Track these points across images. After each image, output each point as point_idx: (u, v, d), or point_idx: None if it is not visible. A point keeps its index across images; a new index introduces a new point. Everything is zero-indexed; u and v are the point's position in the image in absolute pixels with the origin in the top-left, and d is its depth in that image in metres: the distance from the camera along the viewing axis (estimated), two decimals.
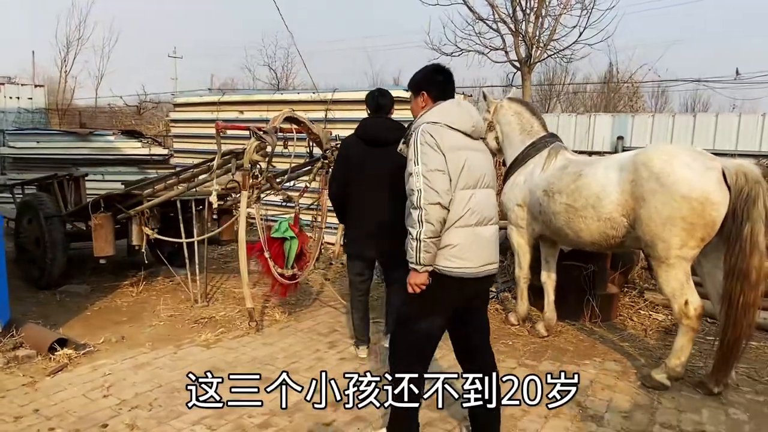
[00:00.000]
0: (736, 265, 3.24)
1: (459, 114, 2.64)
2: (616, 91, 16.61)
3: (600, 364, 4.17)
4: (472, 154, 2.62)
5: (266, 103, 8.38)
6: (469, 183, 2.58)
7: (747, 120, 6.83)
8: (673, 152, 3.53)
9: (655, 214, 3.45)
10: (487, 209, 2.67)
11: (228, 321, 4.78)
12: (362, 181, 3.82)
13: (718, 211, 3.31)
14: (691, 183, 3.34)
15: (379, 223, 3.72)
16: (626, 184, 3.64)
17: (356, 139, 3.93)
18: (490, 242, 2.68)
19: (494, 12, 9.77)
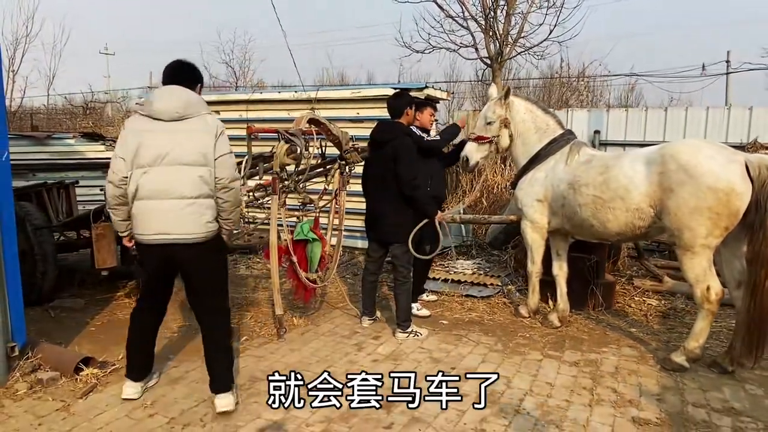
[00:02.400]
0: (761, 251, 3.49)
1: (152, 101, 3.07)
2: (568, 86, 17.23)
3: (617, 350, 4.37)
4: (152, 135, 3.00)
5: (244, 102, 8.16)
6: (141, 163, 2.99)
7: (714, 113, 7.28)
8: (699, 146, 3.75)
9: (683, 204, 3.65)
10: (166, 184, 3.00)
11: (246, 328, 4.67)
12: (369, 176, 4.57)
13: (742, 202, 3.54)
14: (718, 175, 3.55)
15: (375, 210, 4.54)
16: (654, 175, 3.82)
17: (370, 139, 4.56)
18: (166, 214, 3.01)
19: (464, 9, 9.95)
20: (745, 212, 3.58)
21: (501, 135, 4.79)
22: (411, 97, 4.70)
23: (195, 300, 3.32)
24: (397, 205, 4.42)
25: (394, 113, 4.51)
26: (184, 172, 2.99)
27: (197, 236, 3.07)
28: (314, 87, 7.97)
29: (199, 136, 3.02)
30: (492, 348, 4.38)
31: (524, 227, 4.83)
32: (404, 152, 4.31)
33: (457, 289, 5.83)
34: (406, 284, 4.55)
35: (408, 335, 4.51)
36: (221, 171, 3.06)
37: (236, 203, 3.19)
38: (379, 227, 4.56)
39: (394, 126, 4.47)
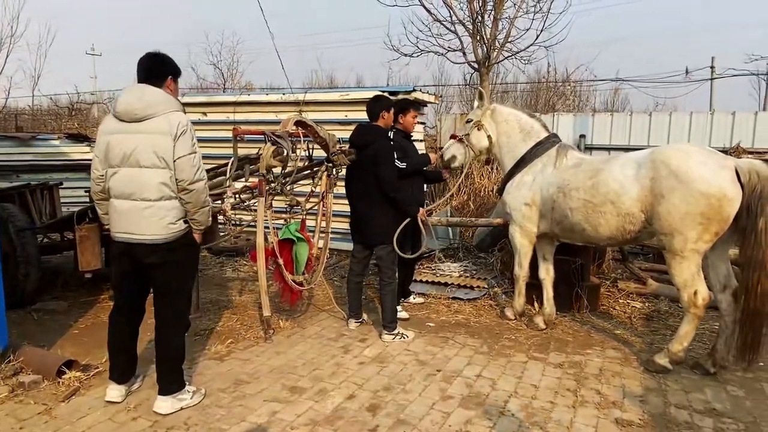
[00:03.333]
0: (753, 256, 3.53)
1: (120, 101, 3.09)
2: (555, 91, 17.39)
3: (602, 352, 4.40)
4: (118, 137, 3.04)
5: (232, 104, 8.13)
6: (111, 163, 3.07)
7: (698, 118, 7.38)
8: (689, 151, 3.78)
9: (674, 209, 3.68)
10: (129, 186, 3.06)
11: (231, 331, 4.64)
12: (352, 179, 4.64)
13: (733, 207, 3.58)
14: (709, 180, 3.59)
15: (359, 212, 4.59)
16: (646, 180, 3.85)
17: (350, 143, 4.62)
18: (129, 215, 3.08)
19: (452, 14, 10.00)
20: (735, 217, 3.62)
21: (472, 134, 4.89)
22: (389, 100, 4.76)
23: (155, 302, 3.29)
24: (380, 207, 4.47)
25: (371, 116, 4.59)
26: (146, 175, 3.01)
27: (158, 238, 3.07)
28: (302, 89, 7.95)
29: (158, 138, 2.98)
30: (478, 350, 4.40)
31: (512, 232, 4.85)
32: (385, 154, 4.40)
33: (444, 292, 5.84)
34: (391, 285, 4.58)
35: (394, 337, 4.53)
36: (180, 173, 3.02)
37: (199, 204, 3.12)
38: (363, 229, 4.60)
39: (373, 129, 4.55)
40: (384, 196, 4.42)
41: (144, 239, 3.07)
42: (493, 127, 4.90)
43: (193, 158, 3.06)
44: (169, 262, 3.14)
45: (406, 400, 3.47)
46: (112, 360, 3.36)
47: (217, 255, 7.30)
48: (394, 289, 4.63)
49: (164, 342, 3.26)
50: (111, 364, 3.37)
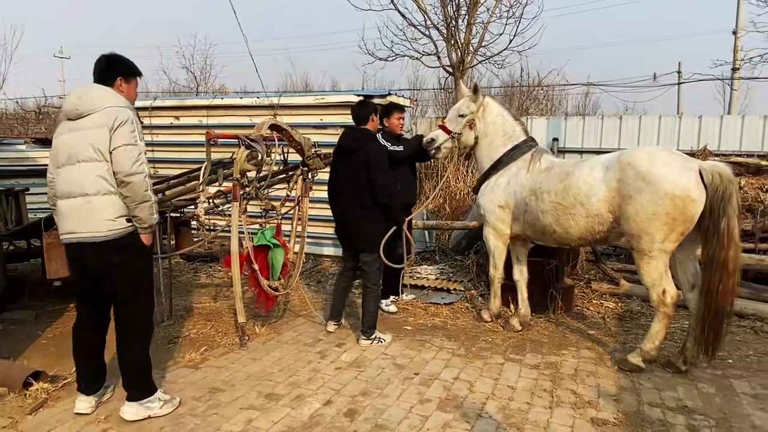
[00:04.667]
0: (715, 256, 3.61)
1: (65, 100, 3.11)
2: (528, 94, 17.62)
3: (577, 352, 4.45)
4: (64, 137, 3.04)
5: (205, 108, 8.01)
6: (58, 163, 3.06)
7: (666, 121, 7.55)
8: (655, 153, 3.86)
9: (641, 210, 3.75)
10: (70, 184, 3.01)
11: (205, 338, 4.55)
12: (338, 184, 4.54)
13: (697, 208, 3.66)
14: (674, 181, 3.67)
15: (346, 218, 4.53)
16: (613, 182, 3.92)
17: (337, 147, 4.53)
18: (70, 213, 3.03)
19: (426, 18, 10.04)
20: (699, 218, 3.71)
21: (464, 133, 4.86)
22: (375, 105, 4.76)
23: (113, 309, 3.21)
24: (368, 213, 4.42)
25: (359, 121, 4.54)
26: (84, 169, 2.96)
27: (98, 235, 2.98)
28: (277, 93, 7.88)
29: (95, 132, 2.95)
30: (455, 353, 4.40)
31: (486, 233, 4.88)
32: (378, 158, 4.35)
33: (421, 296, 5.85)
34: (375, 291, 4.57)
35: (372, 342, 4.51)
36: (116, 165, 2.94)
37: (138, 198, 2.99)
38: (351, 235, 4.55)
39: (363, 133, 4.49)
40: (373, 201, 4.36)
41: (84, 237, 2.99)
42: (482, 127, 4.84)
43: (131, 149, 2.96)
44: (116, 267, 3.03)
45: (384, 405, 3.45)
46: (79, 371, 3.27)
47: (191, 261, 7.17)
48: (378, 296, 4.64)
49: (123, 350, 3.16)
50: (78, 374, 3.28)
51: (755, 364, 4.24)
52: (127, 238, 3.04)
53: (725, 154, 6.92)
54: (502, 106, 4.94)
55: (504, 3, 9.79)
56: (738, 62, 15.11)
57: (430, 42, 10.27)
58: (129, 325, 3.15)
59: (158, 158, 8.34)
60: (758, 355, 4.45)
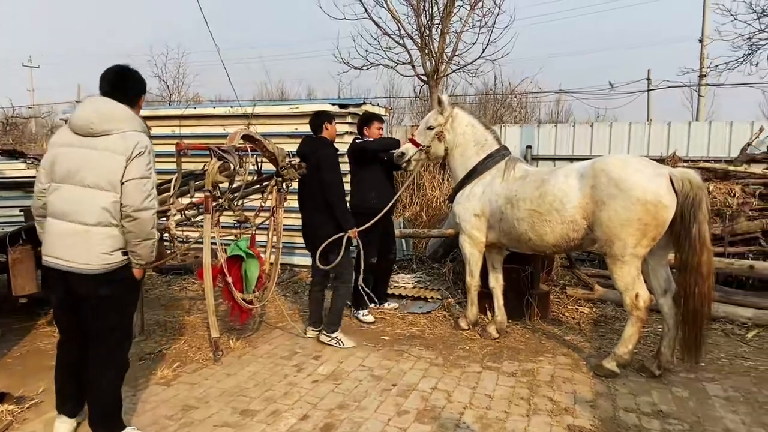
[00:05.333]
0: (688, 261, 3.68)
1: (76, 112, 2.86)
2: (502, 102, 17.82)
3: (553, 359, 4.47)
4: (67, 150, 2.80)
5: (178, 117, 7.89)
6: (55, 178, 2.81)
7: (636, 128, 7.69)
8: (627, 160, 3.93)
9: (614, 216, 3.81)
10: (68, 205, 2.77)
11: (179, 354, 4.45)
12: (302, 191, 4.74)
13: (668, 213, 3.73)
14: (646, 188, 3.73)
15: (309, 222, 4.69)
16: (587, 189, 3.97)
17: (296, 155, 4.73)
18: (62, 237, 2.77)
19: (400, 28, 10.09)
20: (671, 223, 3.77)
21: (433, 145, 4.92)
22: (329, 114, 4.94)
23: (89, 339, 2.95)
24: (327, 215, 4.56)
25: (315, 130, 4.76)
26: (88, 195, 2.74)
27: (90, 268, 2.75)
28: (251, 102, 7.82)
29: (110, 157, 2.72)
30: (433, 362, 4.38)
31: (462, 242, 4.89)
32: (327, 160, 4.50)
33: (399, 306, 5.83)
34: (343, 288, 4.70)
35: (331, 339, 4.62)
36: (126, 198, 2.73)
37: (143, 235, 2.79)
38: (312, 238, 4.67)
39: (315, 139, 4.71)
40: (327, 204, 4.51)
41: (73, 267, 2.76)
42: (451, 137, 4.89)
43: (145, 183, 2.77)
44: (104, 298, 2.81)
45: (362, 418, 3.41)
46: (60, 391, 3.06)
47: (164, 274, 7.03)
48: (348, 294, 4.76)
49: (95, 385, 2.92)
50: (59, 395, 3.07)
51: (727, 367, 4.31)
52: (119, 272, 2.83)
53: (694, 160, 7.06)
54: (471, 116, 5.00)
55: (477, 13, 9.91)
56: (704, 70, 15.50)
57: (405, 51, 10.32)
58: (106, 356, 2.93)
59: None
60: (729, 357, 4.53)
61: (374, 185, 5.41)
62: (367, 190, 5.40)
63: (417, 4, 9.96)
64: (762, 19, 9.94)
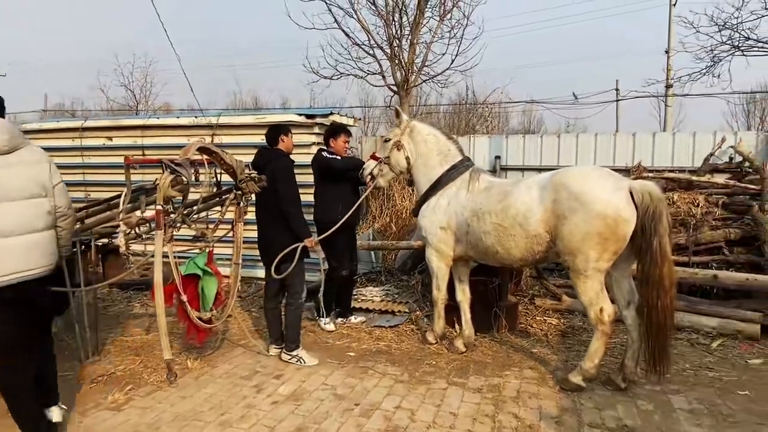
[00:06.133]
0: (650, 274, 3.65)
1: None
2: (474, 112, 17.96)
3: (519, 373, 4.40)
4: None
5: (140, 128, 7.68)
6: None
7: (602, 138, 7.74)
8: (588, 173, 3.89)
9: (575, 230, 3.76)
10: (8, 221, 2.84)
11: (132, 376, 4.25)
12: (258, 203, 4.62)
13: (629, 227, 3.69)
14: (607, 201, 3.69)
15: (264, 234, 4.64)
16: (548, 203, 3.92)
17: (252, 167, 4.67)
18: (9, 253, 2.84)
19: (370, 38, 10.06)
20: (632, 236, 3.74)
21: (392, 156, 4.91)
22: (285, 126, 4.89)
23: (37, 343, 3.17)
24: (281, 227, 4.48)
25: (270, 142, 4.70)
26: (30, 206, 2.91)
27: (46, 268, 3.00)
28: (216, 112, 7.65)
29: (34, 166, 2.94)
30: (398, 379, 4.27)
31: (429, 255, 4.82)
32: (281, 171, 4.44)
33: (366, 320, 5.71)
34: (296, 303, 4.59)
35: (291, 358, 4.52)
36: (59, 199, 3.05)
37: (71, 232, 3.21)
38: (267, 250, 4.59)
39: (270, 151, 4.65)
40: (283, 215, 4.44)
41: (31, 274, 2.90)
42: (412, 147, 4.89)
43: (64, 186, 3.12)
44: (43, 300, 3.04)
45: None
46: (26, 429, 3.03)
47: (125, 290, 6.79)
48: (300, 308, 4.64)
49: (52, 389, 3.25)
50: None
51: (692, 378, 4.30)
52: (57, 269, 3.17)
53: (659, 170, 7.13)
54: (432, 127, 5.02)
55: (446, 24, 9.95)
56: (671, 80, 15.85)
57: (375, 61, 10.30)
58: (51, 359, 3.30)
59: (90, 181, 7.93)
60: (694, 368, 4.52)
61: (340, 199, 5.34)
62: (333, 204, 5.33)
63: (386, 15, 9.96)
64: (723, 31, 10.17)
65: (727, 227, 6.02)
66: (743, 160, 6.83)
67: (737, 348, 4.97)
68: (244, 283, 7.15)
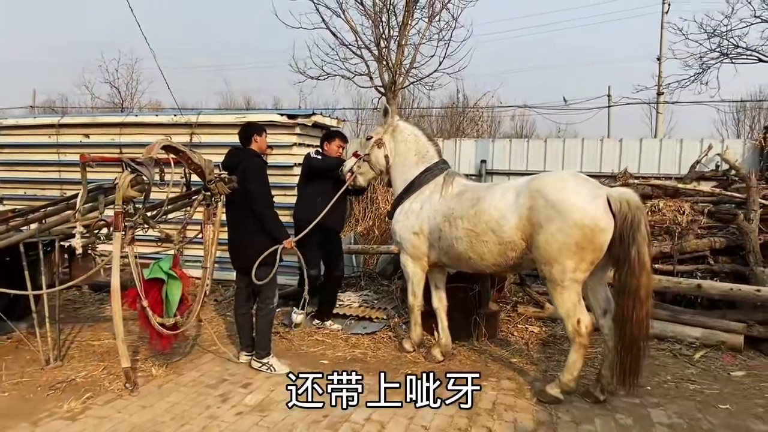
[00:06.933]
0: (627, 284, 3.51)
1: None
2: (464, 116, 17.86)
3: (497, 383, 4.27)
4: None
5: (118, 125, 7.50)
6: None
7: (589, 144, 7.66)
8: (565, 180, 3.75)
9: (551, 239, 3.62)
10: None
11: (93, 383, 4.07)
12: (229, 204, 4.44)
13: (606, 236, 3.56)
14: (584, 210, 3.55)
15: (235, 236, 4.47)
16: (524, 210, 3.78)
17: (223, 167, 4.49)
18: None
19: (357, 38, 9.92)
20: (609, 245, 3.61)
21: (372, 153, 4.82)
22: (259, 126, 4.72)
23: None
24: (253, 229, 4.34)
25: (243, 142, 4.57)
26: None
27: None
28: (195, 111, 7.50)
29: None
30: (371, 389, 4.11)
31: (404, 261, 4.70)
32: (252, 170, 4.30)
33: (342, 327, 5.57)
34: (267, 309, 4.43)
35: (261, 366, 4.38)
36: None
37: None
38: (239, 254, 4.45)
39: (242, 150, 4.52)
40: (257, 217, 4.29)
41: None
42: (392, 146, 4.79)
43: None
44: None
45: None
46: None
47: (97, 291, 6.61)
48: (270, 314, 4.48)
49: None
50: None
51: (672, 391, 4.19)
52: None
53: (645, 177, 7.06)
54: (416, 127, 4.90)
55: (434, 26, 9.84)
56: (662, 87, 15.85)
57: (362, 62, 10.16)
58: None
59: (66, 179, 7.74)
60: (676, 380, 4.41)
61: (320, 198, 5.19)
62: (312, 203, 5.22)
63: (375, 15, 9.83)
64: (712, 39, 10.16)
65: (713, 236, 5.94)
66: (729, 168, 6.77)
67: (720, 359, 4.87)
68: (222, 287, 7.00)
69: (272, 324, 4.57)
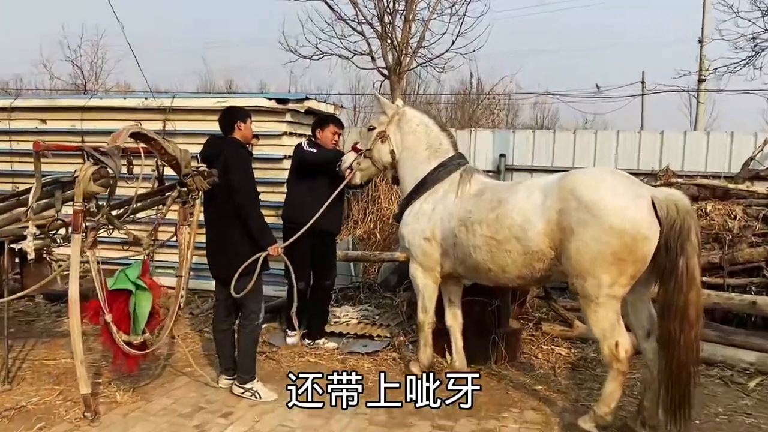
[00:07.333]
0: (674, 302, 3.40)
1: None
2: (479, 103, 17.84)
3: (519, 415, 4.20)
4: None
5: (79, 109, 7.41)
6: None
7: (625, 137, 7.59)
8: (602, 178, 3.67)
9: (584, 248, 3.52)
10: None
11: (47, 410, 3.99)
12: (208, 203, 4.37)
13: (649, 246, 3.46)
14: (623, 214, 3.45)
15: (213, 241, 4.40)
16: (553, 213, 3.69)
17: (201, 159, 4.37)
18: None
19: (358, 12, 9.86)
20: (654, 256, 3.51)
21: (374, 148, 4.74)
22: (244, 111, 4.63)
23: None
24: (236, 231, 4.27)
25: (225, 129, 4.50)
26: None
27: None
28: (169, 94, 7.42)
29: None
30: (372, 420, 4.05)
31: (413, 271, 4.64)
32: (235, 162, 4.24)
33: (339, 346, 5.50)
34: (251, 326, 4.37)
35: (245, 392, 4.31)
36: None
37: None
38: (219, 261, 4.40)
39: (223, 139, 4.46)
40: (240, 219, 4.23)
41: None
42: (398, 138, 4.71)
43: None
44: None
45: None
46: None
47: (54, 301, 6.54)
48: (255, 331, 4.43)
49: None
50: None
51: (725, 425, 4.12)
52: None
53: (690, 176, 6.98)
54: (425, 115, 4.81)
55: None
56: (704, 72, 15.75)
57: (363, 40, 10.11)
58: None
59: (19, 171, 7.64)
60: (728, 412, 4.33)
61: (312, 197, 5.14)
62: (302, 202, 5.19)
63: None
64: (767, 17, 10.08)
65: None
66: None
67: None
68: (199, 298, 6.93)
69: (257, 342, 4.50)
